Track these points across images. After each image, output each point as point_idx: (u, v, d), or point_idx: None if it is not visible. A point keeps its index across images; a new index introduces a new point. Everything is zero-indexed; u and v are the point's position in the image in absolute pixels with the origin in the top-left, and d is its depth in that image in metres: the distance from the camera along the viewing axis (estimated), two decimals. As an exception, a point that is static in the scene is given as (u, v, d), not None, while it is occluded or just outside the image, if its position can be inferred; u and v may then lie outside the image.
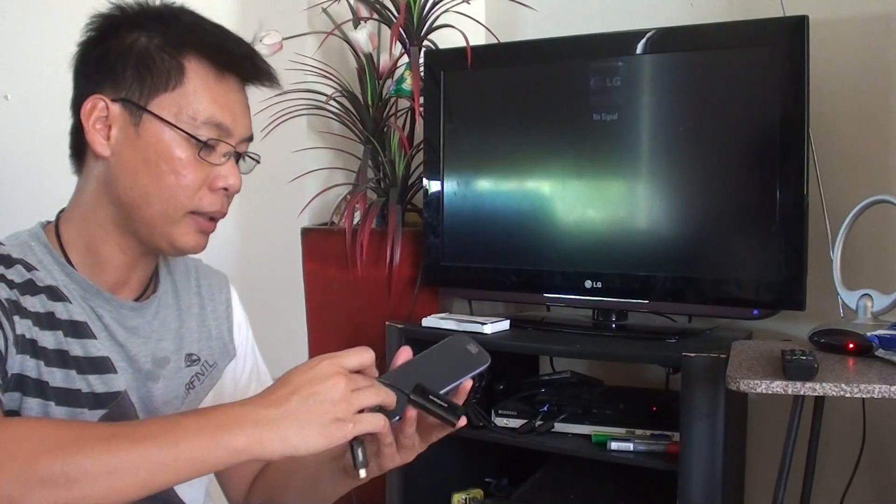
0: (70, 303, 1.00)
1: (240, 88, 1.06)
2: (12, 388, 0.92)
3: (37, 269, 1.00)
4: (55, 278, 1.01)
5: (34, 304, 0.97)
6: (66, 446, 0.77)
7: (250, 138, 1.07)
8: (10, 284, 0.96)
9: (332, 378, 0.84)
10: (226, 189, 1.04)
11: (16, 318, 0.94)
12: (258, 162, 1.11)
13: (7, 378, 0.92)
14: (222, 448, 0.80)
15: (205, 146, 1.00)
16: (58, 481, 0.75)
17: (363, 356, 0.89)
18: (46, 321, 0.97)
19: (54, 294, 0.99)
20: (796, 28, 1.65)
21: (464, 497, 1.93)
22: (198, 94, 1.00)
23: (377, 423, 0.87)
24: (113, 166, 1.01)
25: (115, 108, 1.00)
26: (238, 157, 1.05)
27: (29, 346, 0.94)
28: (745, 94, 1.74)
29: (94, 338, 1.00)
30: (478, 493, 1.95)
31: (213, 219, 1.05)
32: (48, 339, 0.96)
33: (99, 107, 1.00)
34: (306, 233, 2.18)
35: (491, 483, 2.00)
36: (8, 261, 0.98)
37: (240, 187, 1.05)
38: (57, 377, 0.95)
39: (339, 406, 0.83)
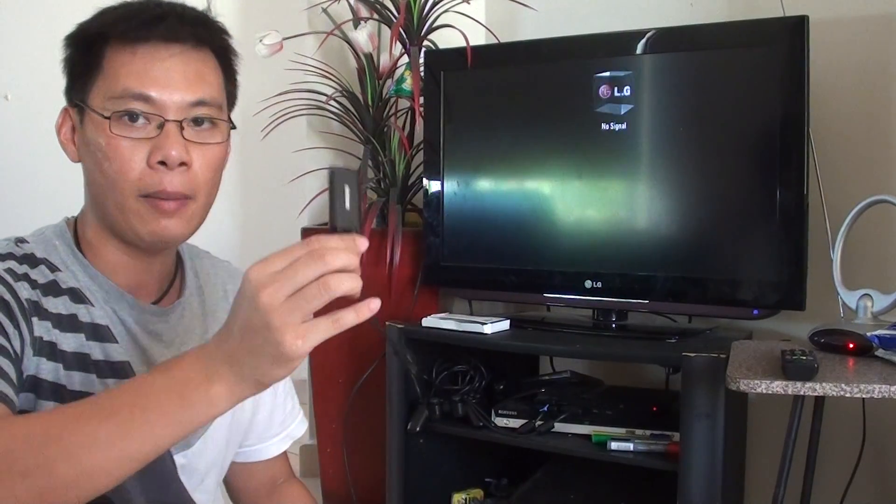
0: (92, 305, 0.99)
1: (168, 54, 0.97)
2: (27, 389, 0.91)
3: (60, 271, 0.99)
4: (78, 280, 1.00)
5: (56, 305, 0.96)
6: (36, 437, 0.75)
7: (201, 102, 0.99)
8: (33, 285, 0.95)
9: (266, 318, 0.72)
10: (163, 163, 0.96)
11: (34, 319, 0.93)
12: (233, 126, 1.05)
13: (22, 379, 0.91)
14: (195, 409, 0.75)
15: (111, 120, 0.95)
16: (36, 472, 0.74)
17: (286, 257, 0.74)
18: (68, 323, 0.96)
19: (77, 296, 0.98)
20: (796, 28, 1.65)
21: (464, 497, 1.93)
22: (115, 72, 0.96)
23: (332, 326, 0.75)
24: (83, 168, 1.02)
25: (74, 114, 1.01)
26: (181, 126, 0.97)
27: (46, 349, 0.93)
28: (745, 94, 1.74)
29: (116, 342, 0.99)
30: (478, 493, 1.95)
31: (171, 198, 0.97)
32: (69, 342, 0.95)
33: (66, 118, 1.02)
34: (306, 233, 2.18)
35: (491, 483, 2.00)
36: (32, 260, 0.98)
37: (181, 157, 0.96)
38: (76, 380, 0.94)
39: (284, 344, 0.72)
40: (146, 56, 0.97)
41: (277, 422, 1.24)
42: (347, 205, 0.78)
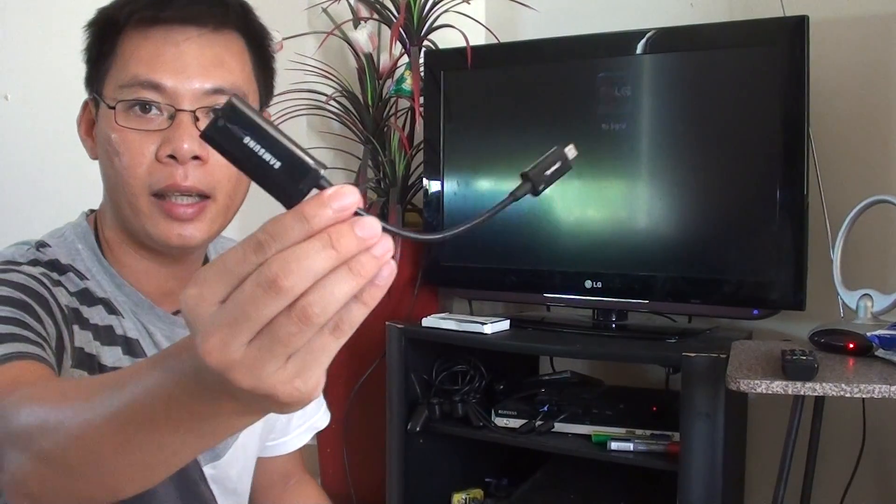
0: (123, 317, 0.92)
1: (184, 38, 0.88)
2: None
3: (88, 279, 0.91)
4: (105, 290, 0.92)
5: (92, 315, 0.89)
6: (51, 421, 0.61)
7: (219, 90, 0.89)
8: (69, 291, 0.88)
9: (224, 380, 0.48)
10: (173, 157, 0.87)
11: (75, 327, 0.86)
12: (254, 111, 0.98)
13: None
14: (207, 422, 0.55)
15: (116, 111, 0.88)
16: (52, 456, 0.61)
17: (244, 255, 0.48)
18: (106, 335, 0.89)
19: (109, 307, 0.91)
20: (796, 28, 1.65)
21: (464, 497, 1.93)
22: (126, 59, 0.88)
23: (333, 338, 0.49)
24: (99, 165, 0.95)
25: (92, 107, 0.95)
26: (195, 116, 0.88)
27: (87, 361, 0.86)
28: (745, 94, 1.74)
29: (145, 356, 0.92)
30: (478, 493, 1.95)
31: (182, 197, 0.88)
32: (108, 356, 0.88)
33: (85, 111, 0.97)
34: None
35: (491, 483, 2.00)
36: (59, 267, 0.90)
37: (193, 150, 0.87)
38: None
39: (276, 397, 0.49)
40: (158, 40, 0.88)
41: (297, 415, 1.20)
42: (271, 159, 0.47)
